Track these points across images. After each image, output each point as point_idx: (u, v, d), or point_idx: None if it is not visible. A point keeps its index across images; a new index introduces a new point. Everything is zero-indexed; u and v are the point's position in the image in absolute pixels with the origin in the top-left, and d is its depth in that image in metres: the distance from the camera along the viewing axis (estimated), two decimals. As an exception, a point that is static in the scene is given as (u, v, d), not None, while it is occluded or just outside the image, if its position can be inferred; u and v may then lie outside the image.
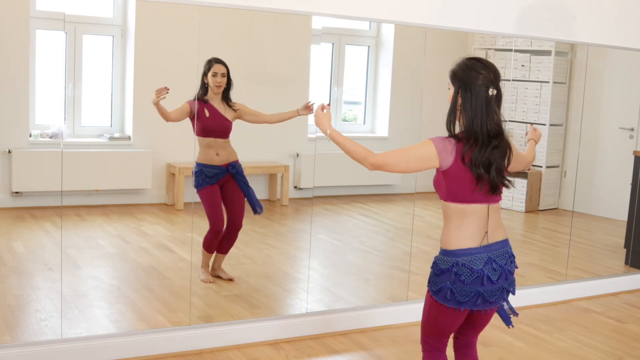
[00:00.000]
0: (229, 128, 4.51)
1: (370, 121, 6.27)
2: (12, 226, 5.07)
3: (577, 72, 6.81)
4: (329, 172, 5.74)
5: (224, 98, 4.50)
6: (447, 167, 2.57)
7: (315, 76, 5.68)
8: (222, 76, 4.46)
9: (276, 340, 3.95)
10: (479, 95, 2.56)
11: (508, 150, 2.63)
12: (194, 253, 4.61)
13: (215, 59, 4.47)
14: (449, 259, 2.62)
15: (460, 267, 2.59)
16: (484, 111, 2.56)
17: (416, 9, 4.22)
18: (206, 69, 4.46)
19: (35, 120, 5.09)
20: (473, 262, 2.59)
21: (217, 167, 4.52)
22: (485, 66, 2.61)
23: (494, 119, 2.57)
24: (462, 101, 2.59)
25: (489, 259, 2.60)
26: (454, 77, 2.63)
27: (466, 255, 2.59)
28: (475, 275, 2.58)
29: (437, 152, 2.55)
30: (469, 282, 2.58)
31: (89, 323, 3.92)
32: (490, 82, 2.58)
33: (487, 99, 2.57)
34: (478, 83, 2.57)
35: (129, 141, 5.25)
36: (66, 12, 4.12)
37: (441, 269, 2.63)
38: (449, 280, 2.60)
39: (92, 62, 5.22)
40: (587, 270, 5.52)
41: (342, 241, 5.86)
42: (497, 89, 2.60)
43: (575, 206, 6.12)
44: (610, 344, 4.23)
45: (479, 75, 2.57)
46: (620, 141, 6.57)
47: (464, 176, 2.56)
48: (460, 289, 2.59)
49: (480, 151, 2.54)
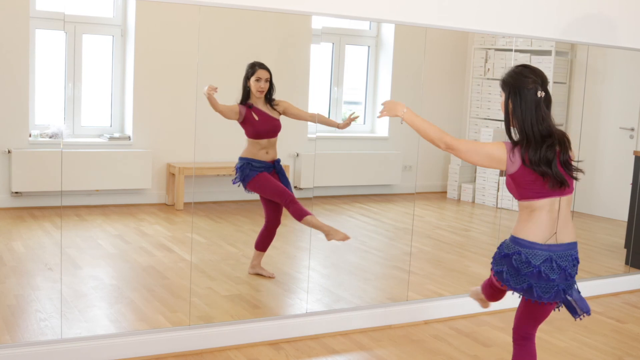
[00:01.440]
0: (279, 126, 4.63)
1: (370, 121, 6.28)
2: (12, 226, 5.07)
3: (578, 72, 6.81)
4: (329, 172, 5.74)
5: (267, 100, 4.57)
6: (514, 172, 2.74)
7: (315, 76, 5.68)
8: (266, 81, 4.52)
9: (276, 340, 3.94)
10: (528, 98, 2.74)
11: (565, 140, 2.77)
12: (194, 253, 4.61)
13: (259, 63, 4.53)
14: (513, 246, 2.78)
15: (521, 256, 2.75)
16: (534, 113, 2.73)
17: (416, 9, 4.22)
18: (249, 74, 4.53)
19: (35, 120, 5.09)
20: (533, 256, 2.74)
21: (264, 162, 4.60)
22: (533, 71, 2.78)
23: (544, 120, 2.73)
24: (513, 105, 2.77)
25: (549, 258, 2.75)
26: (504, 84, 2.82)
27: (529, 248, 2.75)
28: (531, 269, 2.73)
29: (507, 157, 2.74)
30: (524, 274, 2.75)
31: (89, 323, 3.92)
32: (539, 85, 2.75)
33: (536, 102, 2.74)
34: (527, 87, 2.74)
35: (129, 141, 5.25)
36: (66, 12, 4.12)
37: (504, 253, 2.81)
38: (508, 264, 2.79)
39: (92, 62, 5.22)
40: (587, 270, 5.52)
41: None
42: (545, 91, 2.76)
43: (576, 206, 6.12)
44: (610, 344, 4.23)
45: (527, 79, 2.75)
46: (621, 141, 6.57)
47: (529, 176, 2.72)
48: (514, 276, 2.77)
49: (536, 151, 2.70)
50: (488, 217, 6.79)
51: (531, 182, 2.73)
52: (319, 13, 4.03)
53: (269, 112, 4.58)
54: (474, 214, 6.86)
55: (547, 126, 2.75)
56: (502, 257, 2.83)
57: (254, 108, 4.52)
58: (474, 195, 6.82)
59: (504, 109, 2.84)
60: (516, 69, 2.81)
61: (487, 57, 6.74)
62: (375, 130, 6.30)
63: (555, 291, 2.77)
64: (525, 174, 2.72)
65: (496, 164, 2.78)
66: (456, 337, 4.14)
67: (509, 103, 2.80)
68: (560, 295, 2.79)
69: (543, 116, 2.74)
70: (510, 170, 2.76)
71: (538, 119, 2.73)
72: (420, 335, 4.12)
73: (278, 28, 5.45)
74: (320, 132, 5.82)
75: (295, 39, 5.57)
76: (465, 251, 5.87)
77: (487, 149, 2.77)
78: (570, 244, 2.81)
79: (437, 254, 5.58)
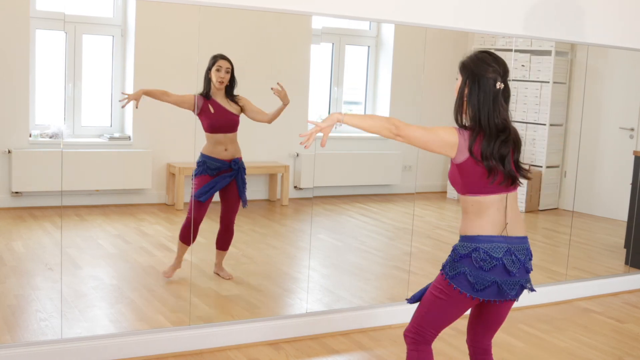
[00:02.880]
0: (236, 122, 4.52)
1: (370, 121, 6.26)
2: (12, 226, 5.07)
3: (577, 72, 6.80)
4: (329, 172, 5.74)
5: (227, 94, 4.48)
6: (462, 161, 2.57)
7: (315, 76, 5.68)
8: (227, 72, 4.44)
9: (276, 340, 3.94)
10: (486, 87, 2.56)
11: (519, 140, 2.64)
12: (194, 253, 4.61)
13: (221, 55, 4.46)
14: (469, 245, 2.59)
15: (481, 253, 2.57)
16: (491, 104, 2.56)
17: (416, 9, 4.22)
18: (210, 64, 4.45)
19: (35, 120, 5.09)
20: (493, 249, 2.57)
21: (222, 161, 4.52)
22: (496, 59, 2.61)
23: (500, 113, 2.57)
24: (469, 92, 2.59)
25: (509, 250, 2.60)
26: (463, 68, 2.63)
27: (487, 242, 2.58)
28: (494, 264, 2.56)
29: (458, 143, 2.55)
30: (488, 269, 2.57)
31: (89, 323, 3.92)
32: (499, 76, 2.57)
33: (495, 93, 2.56)
34: (487, 75, 2.57)
35: (129, 141, 5.24)
36: (66, 12, 4.11)
37: (461, 255, 2.60)
38: (468, 265, 2.58)
39: (92, 62, 5.21)
40: (587, 270, 5.52)
41: (342, 241, 5.86)
42: (504, 83, 2.59)
43: (576, 206, 6.11)
44: (610, 344, 4.23)
45: (488, 67, 2.57)
46: (621, 141, 6.57)
47: (477, 169, 2.56)
48: (478, 276, 2.57)
49: (489, 144, 2.54)
50: (488, 217, 6.78)
51: (479, 175, 2.57)
52: (319, 13, 4.04)
53: (227, 106, 4.47)
54: (474, 214, 6.85)
55: (504, 120, 2.57)
56: (459, 260, 2.60)
57: (211, 100, 4.43)
58: (474, 195, 6.81)
59: (458, 93, 2.63)
60: (479, 54, 2.62)
61: (487, 57, 6.73)
62: (375, 130, 6.29)
63: (518, 286, 2.64)
64: (474, 166, 2.56)
65: (449, 149, 2.57)
66: (456, 337, 4.14)
67: (465, 89, 2.60)
68: (519, 291, 2.65)
69: (500, 109, 2.57)
70: (458, 158, 2.57)
71: (495, 111, 2.55)
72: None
73: (278, 28, 5.44)
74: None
75: (295, 39, 5.56)
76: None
77: (441, 134, 2.55)
78: (523, 238, 2.67)
79: (437, 254, 5.58)
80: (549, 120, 6.82)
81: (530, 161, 6.92)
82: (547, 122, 6.82)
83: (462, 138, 2.56)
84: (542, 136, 6.84)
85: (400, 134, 2.54)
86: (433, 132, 2.56)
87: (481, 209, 2.60)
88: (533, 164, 6.91)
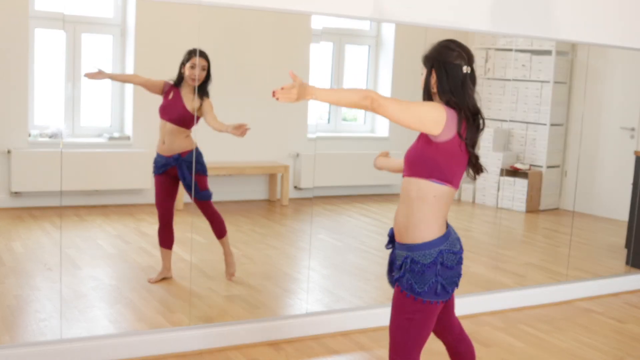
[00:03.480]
0: (184, 117, 4.31)
1: (370, 121, 6.27)
2: (11, 226, 5.07)
3: (578, 72, 6.80)
4: (329, 172, 5.73)
5: (198, 90, 4.30)
6: (446, 140, 2.41)
7: (315, 76, 5.68)
8: (202, 69, 4.28)
9: (276, 340, 3.94)
10: (454, 72, 2.45)
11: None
12: (194, 253, 4.60)
13: (197, 50, 4.29)
14: (432, 251, 2.45)
15: (445, 254, 2.46)
16: (460, 89, 2.45)
17: (416, 9, 4.21)
18: (185, 59, 4.33)
19: (34, 120, 5.08)
20: (453, 244, 2.49)
21: (164, 157, 4.42)
22: (459, 46, 2.51)
23: (470, 97, 2.46)
24: (438, 81, 2.47)
25: (457, 238, 2.54)
26: (427, 59, 2.53)
27: (446, 240, 2.47)
28: (458, 257, 2.50)
29: (446, 119, 2.39)
30: (453, 266, 2.48)
31: (89, 323, 3.92)
32: (464, 60, 2.48)
33: (463, 77, 2.46)
34: (453, 61, 2.47)
35: (129, 141, 5.24)
36: (65, 11, 4.11)
37: (426, 265, 2.44)
38: (435, 272, 2.45)
39: (92, 62, 5.21)
40: (587, 270, 5.51)
41: (342, 241, 5.86)
42: (471, 67, 2.50)
43: (576, 206, 6.11)
44: (611, 344, 4.23)
45: (453, 52, 2.48)
46: (621, 141, 6.57)
47: (458, 154, 2.44)
48: (447, 278, 2.47)
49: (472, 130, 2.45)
50: (488, 217, 6.78)
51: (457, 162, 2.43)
52: (319, 13, 4.03)
53: (186, 100, 4.31)
54: (474, 214, 6.85)
55: (474, 104, 2.46)
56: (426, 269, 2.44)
57: (176, 88, 4.33)
58: (474, 195, 6.81)
59: (423, 85, 2.52)
60: (441, 43, 2.52)
61: (487, 57, 6.73)
62: (375, 130, 6.29)
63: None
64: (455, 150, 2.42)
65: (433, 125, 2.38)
66: (456, 337, 4.13)
67: (432, 78, 2.48)
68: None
69: (470, 93, 2.45)
70: (443, 136, 2.39)
71: (466, 95, 2.44)
72: None
73: (278, 28, 5.44)
74: (320, 132, 5.82)
75: (295, 39, 5.56)
76: (465, 251, 5.81)
77: (425, 108, 2.40)
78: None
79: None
80: (550, 120, 6.82)
81: (531, 161, 6.91)
82: (547, 122, 6.81)
83: (450, 114, 2.41)
84: (543, 136, 6.84)
85: (376, 108, 2.35)
86: (414, 106, 2.40)
87: (441, 204, 2.45)
88: (533, 164, 6.91)
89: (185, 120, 4.33)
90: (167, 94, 4.38)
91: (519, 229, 6.78)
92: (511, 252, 5.79)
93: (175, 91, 4.37)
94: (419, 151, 2.48)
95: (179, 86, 4.37)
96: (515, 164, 6.89)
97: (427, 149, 2.44)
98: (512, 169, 6.87)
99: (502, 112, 6.75)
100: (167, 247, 4.54)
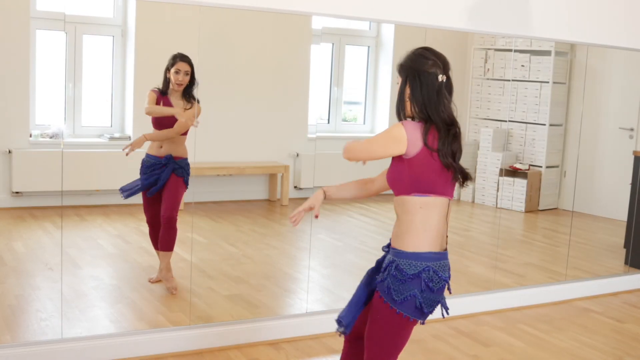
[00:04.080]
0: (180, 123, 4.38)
1: (370, 121, 6.28)
2: (12, 226, 5.07)
3: (577, 72, 6.81)
4: (329, 172, 5.73)
5: (184, 94, 4.38)
6: (414, 155, 2.39)
7: (315, 76, 5.69)
8: (186, 74, 4.35)
9: (276, 340, 3.95)
10: (428, 81, 2.43)
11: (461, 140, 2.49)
12: (194, 253, 4.62)
13: (181, 55, 4.36)
14: (418, 263, 2.39)
15: (430, 272, 2.39)
16: (435, 98, 2.42)
17: (416, 9, 4.22)
18: (170, 65, 4.38)
19: (35, 120, 5.09)
20: (442, 268, 2.42)
21: (155, 157, 4.46)
22: (435, 54, 2.49)
23: (446, 107, 2.43)
24: (412, 90, 2.45)
25: (448, 267, 2.47)
26: (402, 68, 2.51)
27: (436, 260, 2.41)
28: (442, 284, 2.41)
29: (407, 134, 2.37)
30: (436, 291, 2.40)
31: (89, 323, 3.93)
32: (440, 69, 2.45)
33: (438, 86, 2.43)
34: (427, 70, 2.44)
35: (129, 141, 5.24)
36: (66, 12, 4.12)
37: (409, 275, 2.38)
38: (417, 287, 2.38)
39: (92, 62, 5.22)
40: (586, 270, 5.53)
41: (342, 241, 5.87)
42: (447, 76, 2.47)
43: (575, 206, 6.12)
44: (610, 343, 4.24)
45: (428, 61, 2.45)
46: (620, 141, 6.58)
47: (432, 164, 2.40)
48: (428, 299, 2.39)
49: (445, 140, 2.40)
50: (488, 217, 6.79)
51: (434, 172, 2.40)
52: (319, 13, 4.04)
53: (177, 106, 4.37)
54: (474, 214, 6.86)
55: (450, 114, 2.43)
56: (408, 280, 2.38)
57: (165, 97, 4.37)
58: (473, 195, 6.82)
59: (398, 94, 2.50)
60: (416, 51, 2.49)
61: (487, 58, 6.74)
62: (375, 130, 6.29)
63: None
64: (427, 161, 2.38)
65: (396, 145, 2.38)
66: (456, 336, 4.14)
67: (407, 87, 2.46)
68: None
69: (445, 102, 2.42)
70: (410, 151, 2.38)
71: (440, 104, 2.40)
72: (420, 335, 4.12)
73: (278, 28, 5.45)
74: (320, 132, 5.83)
75: (295, 39, 5.57)
76: (465, 251, 5.87)
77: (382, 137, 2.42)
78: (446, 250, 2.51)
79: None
80: (549, 121, 6.83)
81: (530, 161, 6.93)
82: (546, 122, 6.82)
83: (410, 128, 2.39)
84: (542, 136, 6.85)
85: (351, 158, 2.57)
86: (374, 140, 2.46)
87: (429, 214, 2.42)
88: (533, 164, 6.92)
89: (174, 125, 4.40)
90: (157, 103, 4.40)
91: (518, 228, 6.79)
92: (510, 252, 5.80)
93: (164, 100, 4.40)
94: (395, 171, 2.49)
95: (166, 94, 4.40)
96: (514, 164, 6.91)
97: (401, 166, 2.45)
98: (511, 169, 6.88)
99: (502, 113, 6.76)
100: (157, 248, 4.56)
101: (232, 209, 5.59)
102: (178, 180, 4.44)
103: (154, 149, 4.47)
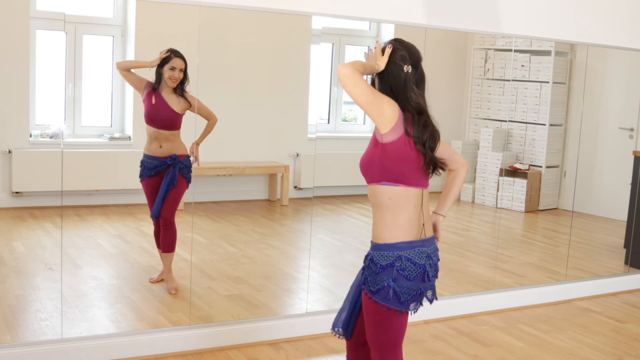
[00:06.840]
0: (174, 119, 4.38)
1: (370, 121, 6.28)
2: (12, 226, 5.07)
3: (577, 72, 6.81)
4: (329, 172, 5.74)
5: (176, 90, 4.36)
6: (391, 140, 2.40)
7: (315, 76, 5.69)
8: (180, 71, 4.35)
9: (276, 340, 3.95)
10: (394, 72, 2.46)
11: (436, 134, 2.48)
12: (194, 253, 4.62)
13: (175, 51, 4.36)
14: (390, 254, 2.42)
15: (404, 261, 2.41)
16: (402, 88, 2.44)
17: (416, 9, 4.22)
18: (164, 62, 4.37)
19: (35, 120, 5.09)
20: (416, 255, 2.43)
21: (158, 158, 4.44)
22: (404, 45, 2.51)
23: (412, 98, 2.43)
24: (380, 82, 2.48)
25: (428, 254, 2.47)
26: None
27: (408, 249, 2.42)
28: (418, 271, 2.42)
29: (397, 119, 2.39)
30: (413, 278, 2.41)
31: (89, 323, 3.93)
32: (404, 60, 2.47)
33: (404, 77, 2.45)
34: (395, 60, 2.47)
35: (129, 141, 5.24)
36: (66, 12, 4.12)
37: (381, 266, 2.42)
38: (391, 277, 2.41)
39: (92, 62, 5.22)
40: (586, 270, 5.53)
41: (342, 241, 5.87)
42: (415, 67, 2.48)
43: (575, 206, 6.12)
44: (610, 343, 4.24)
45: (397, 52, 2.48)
46: (620, 141, 6.58)
47: (409, 153, 2.41)
48: (404, 287, 2.41)
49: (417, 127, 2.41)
50: (488, 217, 6.79)
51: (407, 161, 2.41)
52: (319, 13, 4.04)
53: (172, 102, 4.36)
54: (474, 214, 6.86)
55: (417, 104, 2.43)
56: (381, 272, 2.42)
57: (157, 92, 4.36)
58: (473, 195, 6.82)
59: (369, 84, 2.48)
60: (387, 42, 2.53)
61: (486, 57, 6.74)
62: (375, 130, 6.30)
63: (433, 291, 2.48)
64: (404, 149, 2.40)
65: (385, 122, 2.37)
66: (456, 336, 4.15)
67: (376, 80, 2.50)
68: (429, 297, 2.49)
69: (411, 94, 2.42)
70: (389, 136, 2.39)
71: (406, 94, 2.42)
72: (420, 335, 4.12)
73: (278, 28, 5.44)
74: (320, 132, 5.83)
75: (295, 39, 5.57)
76: (465, 251, 5.87)
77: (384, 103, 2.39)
78: (433, 238, 2.54)
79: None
80: (549, 120, 6.83)
81: (530, 161, 6.93)
82: (546, 122, 6.82)
83: (401, 116, 2.42)
84: (542, 136, 6.85)
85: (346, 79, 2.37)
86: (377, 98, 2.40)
87: (399, 205, 2.42)
88: (533, 164, 6.92)
89: (176, 122, 4.40)
90: (148, 97, 4.38)
91: (518, 228, 6.79)
92: (510, 252, 5.81)
93: (156, 95, 4.38)
94: (369, 157, 2.49)
95: (158, 89, 4.38)
96: (514, 164, 6.90)
97: (375, 152, 2.45)
98: (511, 169, 6.88)
99: (501, 113, 6.76)
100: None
101: (232, 209, 5.59)
102: (182, 180, 4.45)
103: (154, 150, 4.45)
